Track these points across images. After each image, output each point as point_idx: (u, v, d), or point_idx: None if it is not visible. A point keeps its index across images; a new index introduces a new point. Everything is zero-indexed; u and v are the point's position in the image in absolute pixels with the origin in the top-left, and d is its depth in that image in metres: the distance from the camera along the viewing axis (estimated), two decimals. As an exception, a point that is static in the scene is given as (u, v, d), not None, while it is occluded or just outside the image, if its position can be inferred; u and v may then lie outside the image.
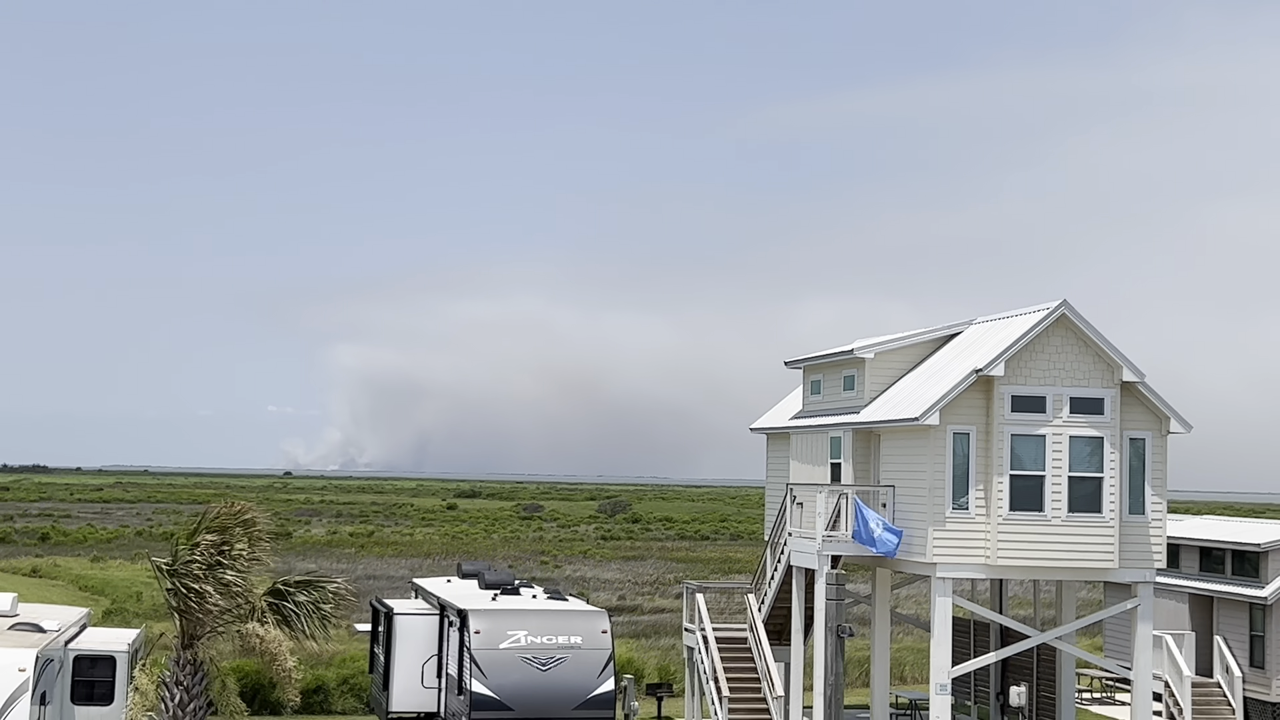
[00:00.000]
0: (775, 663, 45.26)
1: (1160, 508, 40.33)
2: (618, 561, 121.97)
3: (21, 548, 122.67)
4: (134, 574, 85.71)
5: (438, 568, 70.88)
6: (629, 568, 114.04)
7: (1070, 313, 39.23)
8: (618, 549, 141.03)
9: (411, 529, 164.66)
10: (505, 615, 38.12)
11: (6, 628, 31.89)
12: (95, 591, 77.78)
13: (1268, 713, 49.31)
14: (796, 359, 48.48)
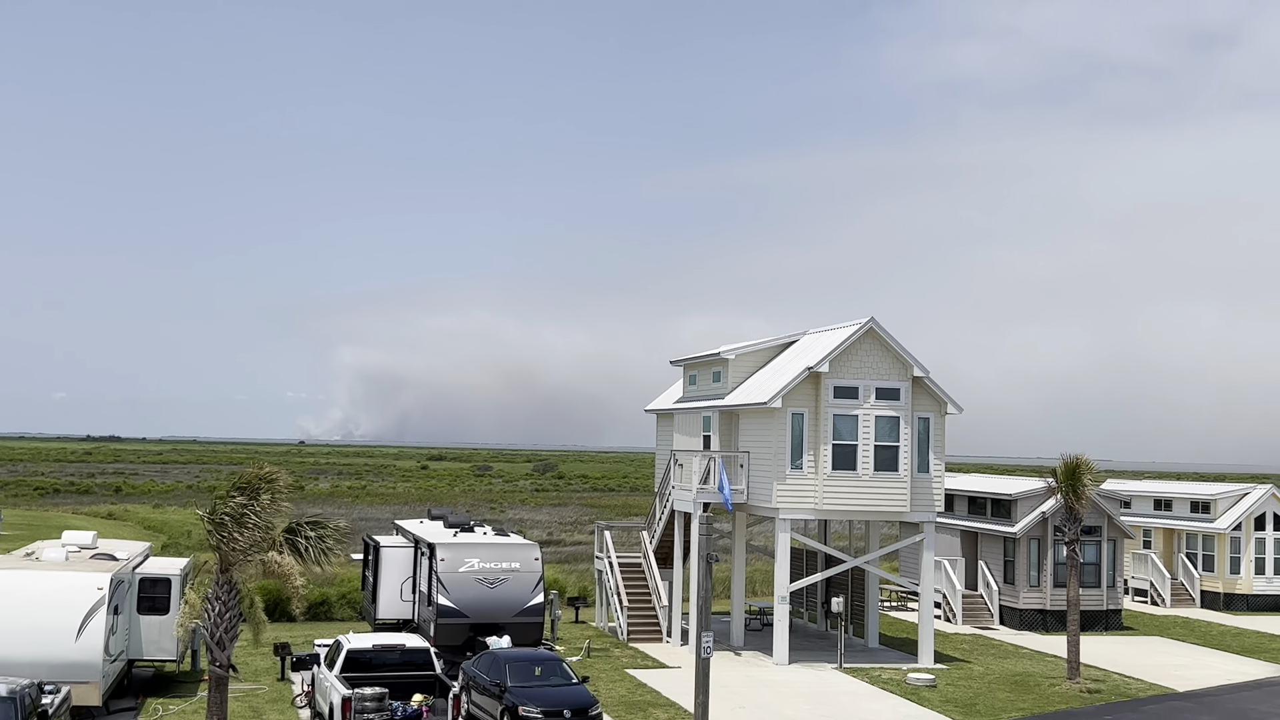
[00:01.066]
0: (662, 581, 45.90)
1: (940, 468, 41.40)
2: (547, 507, 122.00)
3: (100, 497, 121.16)
4: (185, 517, 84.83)
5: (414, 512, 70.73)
6: (555, 512, 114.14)
7: (876, 326, 40.22)
8: (547, 498, 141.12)
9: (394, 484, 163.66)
10: (463, 547, 38.44)
11: (88, 556, 31.92)
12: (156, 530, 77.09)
13: (1015, 616, 50.39)
14: (679, 359, 49.03)
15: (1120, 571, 52.74)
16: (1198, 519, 60.31)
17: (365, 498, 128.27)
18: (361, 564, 46.36)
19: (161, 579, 33.45)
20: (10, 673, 24.69)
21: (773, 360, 43.57)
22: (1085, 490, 40.70)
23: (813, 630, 47.71)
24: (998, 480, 56.69)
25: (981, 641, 46.60)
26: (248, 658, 36.47)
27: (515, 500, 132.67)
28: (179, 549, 56.13)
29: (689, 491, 42.38)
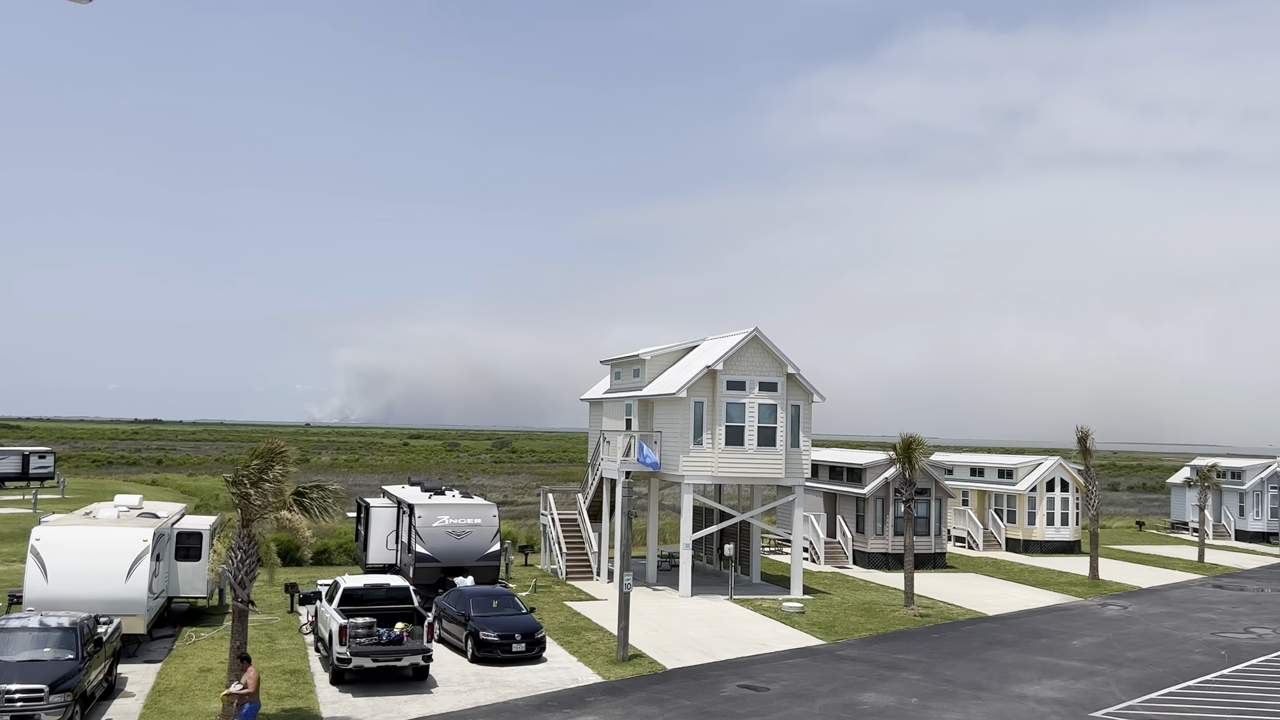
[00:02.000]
0: (593, 533, 45.98)
1: (808, 444, 41.74)
2: (503, 475, 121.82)
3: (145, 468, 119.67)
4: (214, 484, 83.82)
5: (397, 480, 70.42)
6: (509, 479, 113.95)
7: (759, 334, 40.48)
8: (503, 468, 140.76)
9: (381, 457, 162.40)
10: (436, 507, 38.32)
11: (135, 515, 31.63)
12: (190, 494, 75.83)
13: (865, 557, 50.93)
14: (606, 359, 49.09)
15: (945, 523, 53.49)
16: (1003, 483, 61.39)
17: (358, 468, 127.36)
18: (355, 521, 46.13)
19: (194, 532, 33.31)
20: (72, 609, 24.69)
21: (680, 360, 43.73)
22: (917, 461, 41.25)
23: (710, 570, 47.95)
24: (851, 453, 57.28)
25: (839, 578, 47.09)
26: (264, 595, 36.25)
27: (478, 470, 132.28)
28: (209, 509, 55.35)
29: (615, 462, 42.52)
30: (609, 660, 29.00)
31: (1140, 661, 30.97)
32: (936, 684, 27.28)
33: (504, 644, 28.50)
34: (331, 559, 47.70)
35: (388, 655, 25.62)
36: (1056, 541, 59.67)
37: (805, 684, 26.91)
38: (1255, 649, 33.49)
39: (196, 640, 30.66)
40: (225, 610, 34.45)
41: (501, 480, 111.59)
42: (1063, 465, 61.07)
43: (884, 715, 23.94)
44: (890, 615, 37.45)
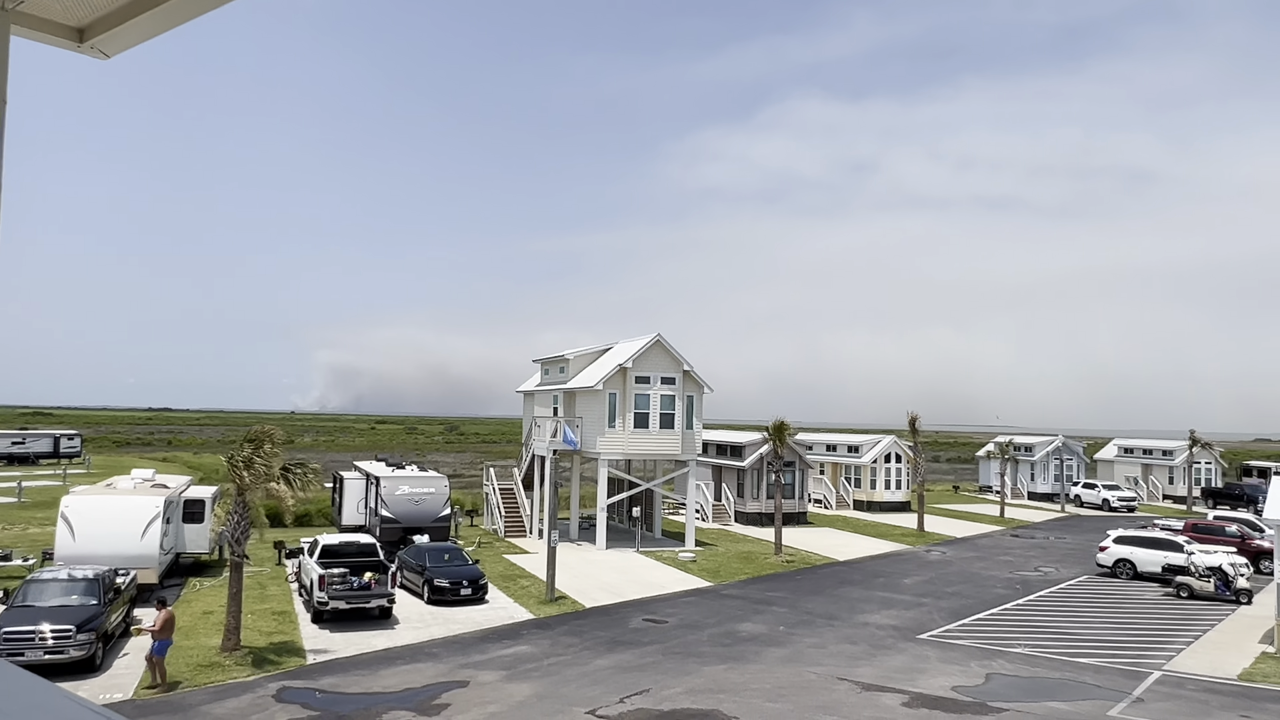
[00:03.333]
0: (526, 499, 45.86)
1: (699, 426, 42.00)
2: (453, 453, 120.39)
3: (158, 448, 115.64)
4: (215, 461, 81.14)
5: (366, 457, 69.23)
6: (459, 456, 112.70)
7: (661, 339, 40.74)
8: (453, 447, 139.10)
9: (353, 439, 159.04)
10: (397, 478, 37.88)
11: (149, 486, 30.93)
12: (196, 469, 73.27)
13: (744, 517, 51.52)
14: (538, 358, 48.89)
15: (806, 488, 54.36)
16: (851, 456, 62.54)
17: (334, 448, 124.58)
18: (331, 490, 45.30)
19: (199, 500, 32.68)
20: (95, 564, 24.24)
21: (597, 359, 43.77)
22: (785, 440, 41.96)
23: (621, 528, 48.07)
24: (734, 434, 57.89)
25: (724, 533, 47.60)
26: (256, 551, 35.39)
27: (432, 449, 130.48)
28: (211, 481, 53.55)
29: (544, 442, 42.35)
30: (539, 601, 29.01)
31: (956, 595, 31.92)
32: (799, 615, 27.82)
33: (454, 589, 28.34)
34: (312, 521, 46.70)
35: (358, 599, 25.38)
36: (892, 502, 60.98)
37: (696, 617, 27.24)
38: (1042, 583, 34.74)
39: (200, 588, 29.97)
40: (224, 563, 33.68)
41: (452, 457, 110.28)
42: (897, 442, 62.44)
43: (758, 640, 24.36)
44: (763, 562, 38.02)
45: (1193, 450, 74.24)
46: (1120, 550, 36.79)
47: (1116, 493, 69.02)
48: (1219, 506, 66.75)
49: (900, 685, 20.14)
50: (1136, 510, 67.51)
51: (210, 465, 76.50)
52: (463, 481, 70.33)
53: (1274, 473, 68.15)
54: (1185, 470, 75.02)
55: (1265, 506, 26.60)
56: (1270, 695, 20.37)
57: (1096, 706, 18.91)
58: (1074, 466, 76.53)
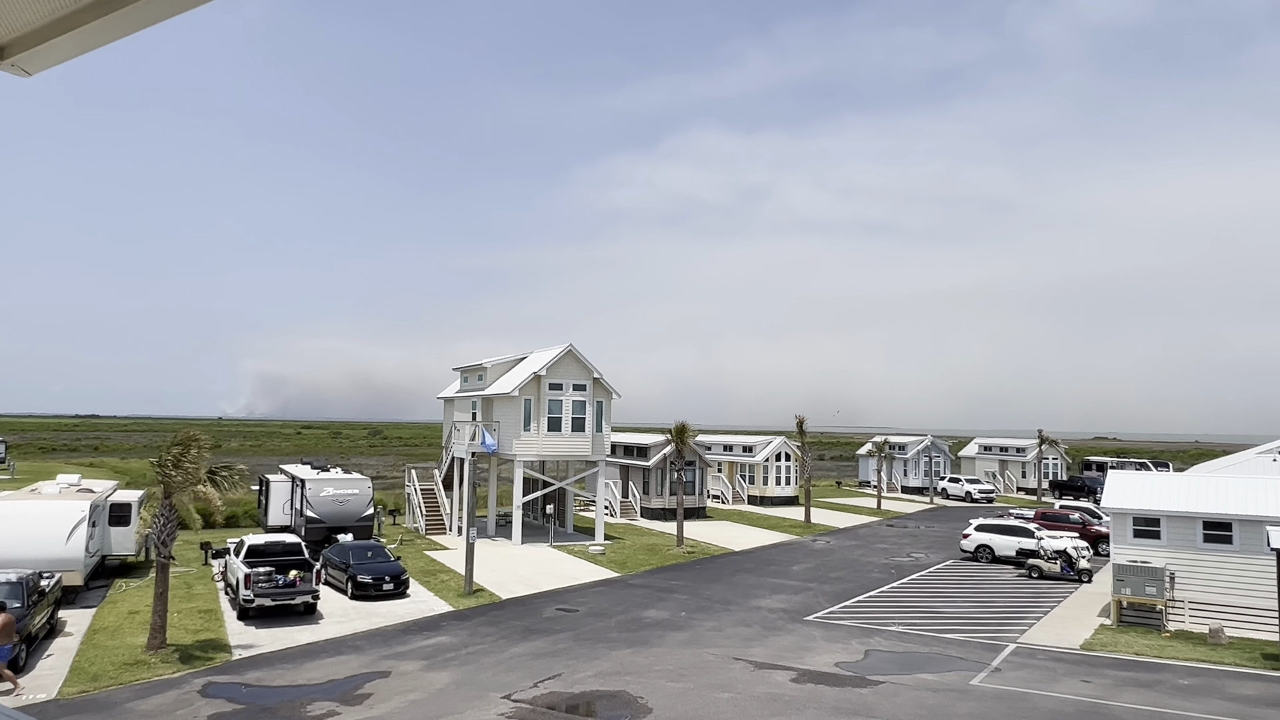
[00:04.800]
0: (446, 499, 45.10)
1: (609, 429, 41.87)
2: (377, 456, 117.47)
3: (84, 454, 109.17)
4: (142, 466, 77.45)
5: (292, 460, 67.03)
6: (382, 459, 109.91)
7: (573, 349, 40.56)
8: (377, 451, 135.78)
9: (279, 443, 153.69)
10: (322, 480, 36.79)
11: (75, 491, 29.41)
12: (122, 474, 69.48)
13: (649, 512, 51.53)
14: (458, 367, 48.07)
15: (706, 485, 54.81)
16: (746, 455, 63.39)
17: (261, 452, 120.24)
18: (258, 492, 43.68)
19: (125, 503, 31.16)
20: (20, 567, 22.83)
21: (514, 368, 43.33)
22: (687, 441, 42.26)
23: (536, 524, 47.65)
24: (640, 436, 58.03)
25: (631, 527, 47.63)
26: (183, 551, 33.95)
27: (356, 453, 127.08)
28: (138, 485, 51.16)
29: (463, 445, 41.77)
30: (458, 594, 28.53)
31: (838, 580, 32.61)
32: (699, 601, 28.01)
33: (376, 584, 27.66)
34: (239, 522, 44.97)
35: (284, 595, 24.52)
36: (782, 497, 61.98)
37: (605, 605, 27.17)
38: (914, 568, 35.78)
39: (126, 589, 28.47)
40: (151, 565, 32.15)
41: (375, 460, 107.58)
42: (786, 442, 63.51)
43: (661, 625, 24.43)
44: (667, 553, 38.17)
45: (1042, 447, 77.57)
46: (980, 537, 38.14)
47: (977, 486, 71.57)
48: (1064, 497, 69.86)
49: (789, 663, 20.46)
50: (995, 501, 70.12)
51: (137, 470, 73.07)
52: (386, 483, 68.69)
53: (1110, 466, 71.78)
54: (1035, 465, 78.30)
55: (1103, 496, 27.99)
56: (1107, 662, 21.40)
57: (960, 677, 19.55)
58: (941, 463, 79.06)
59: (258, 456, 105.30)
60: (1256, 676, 20.36)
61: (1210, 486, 26.82)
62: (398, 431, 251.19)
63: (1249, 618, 24.68)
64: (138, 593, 27.78)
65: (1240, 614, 24.85)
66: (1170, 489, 27.12)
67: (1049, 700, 17.91)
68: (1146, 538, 26.25)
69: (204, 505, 23.20)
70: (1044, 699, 18.00)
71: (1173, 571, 25.76)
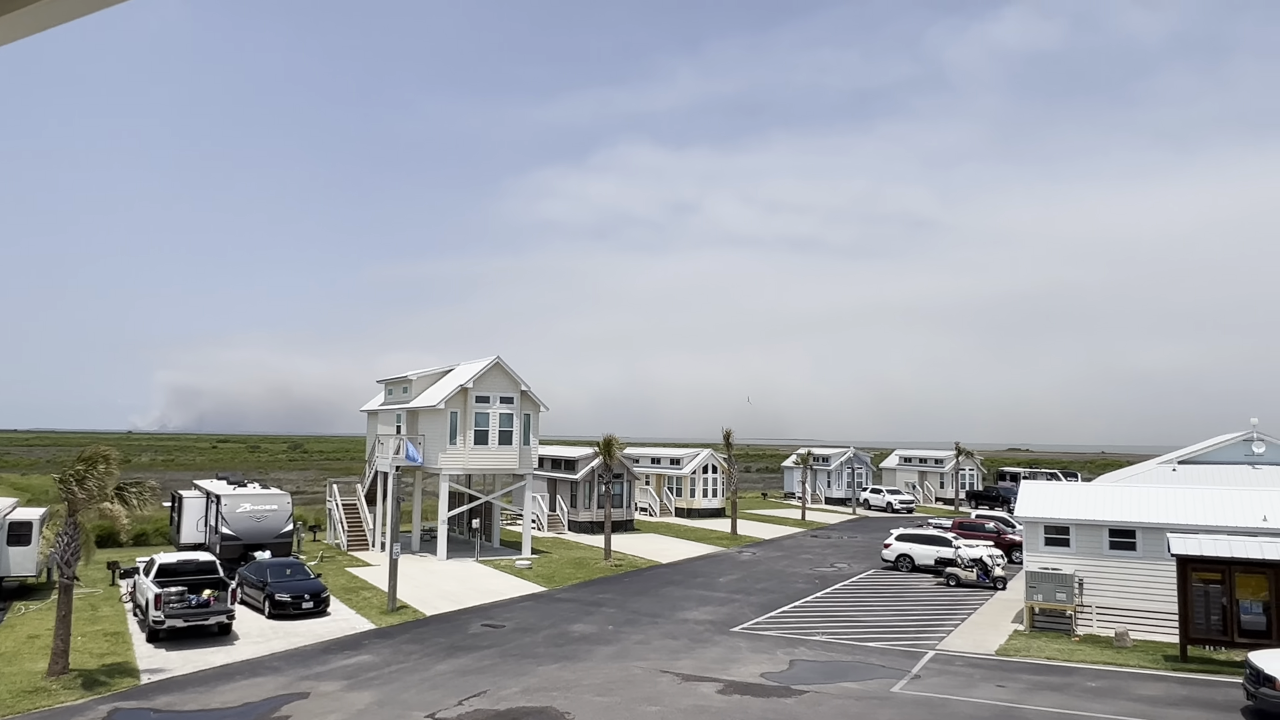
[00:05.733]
0: (369, 513, 44.14)
1: (536, 442, 41.56)
2: (297, 470, 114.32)
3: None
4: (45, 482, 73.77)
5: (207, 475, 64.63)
6: (302, 473, 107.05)
7: (500, 361, 40.19)
8: (297, 465, 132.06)
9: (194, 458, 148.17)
10: (239, 496, 35.67)
11: (-31, 510, 27.92)
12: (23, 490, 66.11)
13: (577, 525, 51.28)
14: (382, 379, 47.13)
15: (634, 498, 54.83)
16: (674, 468, 63.63)
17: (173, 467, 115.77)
18: (170, 509, 42.12)
19: (25, 522, 29.71)
20: None
21: (440, 380, 42.73)
22: (615, 454, 42.24)
23: (461, 539, 46.99)
24: (568, 449, 57.77)
25: (558, 541, 47.31)
26: (88, 572, 32.36)
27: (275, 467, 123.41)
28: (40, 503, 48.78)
29: (387, 459, 40.98)
30: (381, 611, 27.91)
31: (764, 590, 32.94)
32: (627, 614, 27.96)
33: (295, 603, 26.87)
34: (149, 540, 43.23)
35: (196, 616, 23.63)
36: (709, 509, 62.37)
37: (531, 620, 26.91)
38: (837, 578, 36.37)
39: (25, 612, 27.06)
40: (53, 586, 30.60)
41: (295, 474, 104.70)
42: (713, 455, 63.99)
43: (588, 639, 24.31)
44: (594, 566, 38.01)
45: (959, 459, 79.87)
46: (901, 547, 39.02)
47: (898, 496, 73.22)
48: (980, 507, 71.98)
49: (716, 674, 20.56)
50: (914, 511, 71.83)
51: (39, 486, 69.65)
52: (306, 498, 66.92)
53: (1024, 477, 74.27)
54: (953, 476, 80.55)
55: (1016, 506, 28.94)
56: (1021, 666, 22.07)
57: (881, 684, 19.92)
58: (863, 474, 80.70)
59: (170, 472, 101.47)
60: (1158, 677, 21.27)
61: (1115, 496, 27.98)
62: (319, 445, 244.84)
63: (1151, 621, 25.77)
64: (38, 616, 26.44)
65: (1144, 618, 25.93)
66: (1079, 498, 28.20)
67: (966, 705, 18.37)
68: (1057, 545, 27.22)
69: (110, 524, 22.25)
70: (962, 704, 18.45)
71: (1081, 578, 26.75)
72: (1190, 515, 25.64)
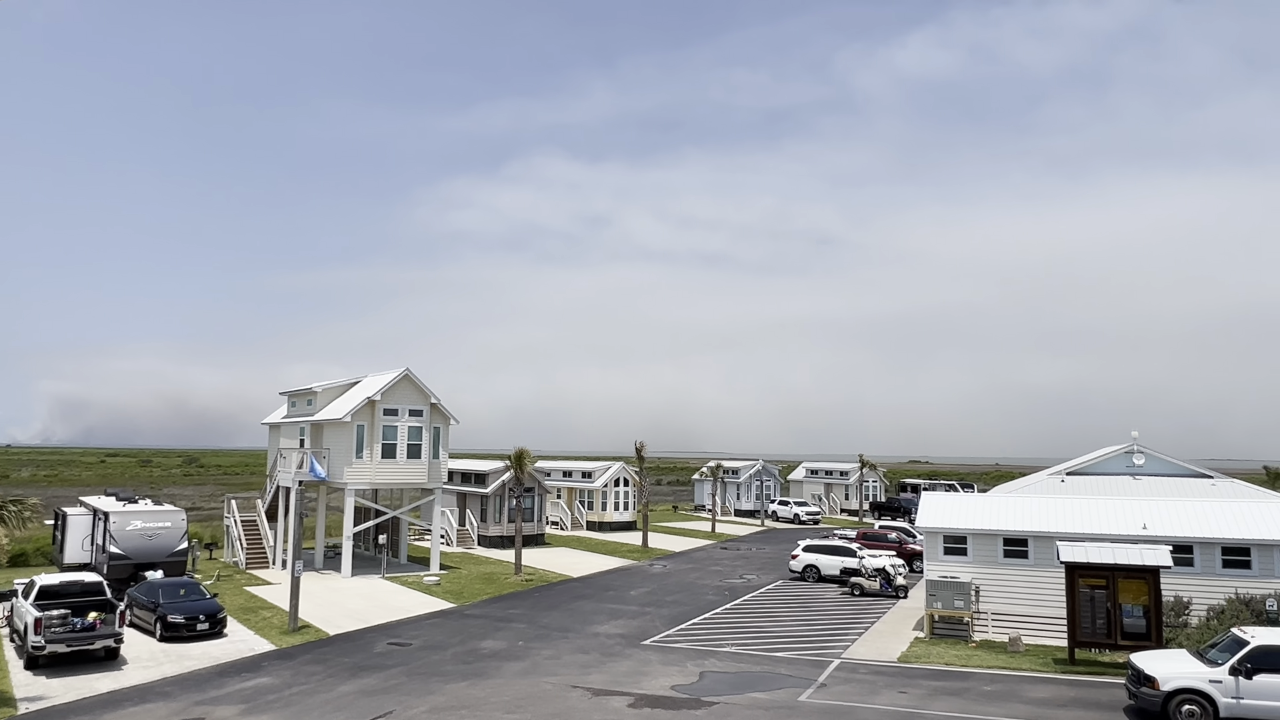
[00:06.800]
0: (270, 530, 42.62)
1: (446, 456, 40.93)
2: (192, 486, 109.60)
3: None
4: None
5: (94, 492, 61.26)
6: (198, 489, 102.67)
7: (409, 373, 39.45)
8: (193, 480, 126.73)
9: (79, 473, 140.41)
10: (129, 513, 33.97)
11: None
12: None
13: (487, 540, 50.65)
14: (285, 391, 45.74)
15: (545, 512, 54.47)
16: (585, 481, 63.52)
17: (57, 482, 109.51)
18: (53, 527, 39.80)
19: None
20: None
21: (346, 392, 41.66)
22: (526, 467, 41.89)
23: (368, 555, 45.81)
24: (478, 463, 57.04)
25: (468, 556, 46.60)
26: (-42, 596, 30.30)
27: (169, 483, 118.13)
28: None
29: (290, 473, 39.71)
30: (282, 631, 26.94)
31: (675, 603, 33.10)
32: (537, 629, 27.70)
33: (189, 624, 25.71)
34: (29, 561, 40.79)
35: (81, 640, 22.35)
36: (621, 522, 62.47)
37: (440, 637, 26.40)
38: (746, 589, 36.83)
39: (-116, 642, 25.13)
40: (-84, 613, 28.42)
41: (190, 490, 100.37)
42: (625, 468, 64.16)
43: (498, 656, 23.98)
44: (504, 581, 37.58)
45: (863, 471, 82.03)
46: (808, 557, 39.79)
47: (805, 508, 74.74)
48: (883, 517, 74.10)
49: (627, 688, 20.53)
50: (821, 522, 73.43)
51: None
52: (202, 514, 64.21)
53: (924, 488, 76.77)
54: (857, 488, 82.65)
55: (917, 516, 29.86)
56: (921, 673, 22.74)
57: (789, 694, 20.23)
58: (772, 486, 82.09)
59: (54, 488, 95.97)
60: (1049, 680, 22.22)
61: (1009, 506, 29.17)
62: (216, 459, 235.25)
63: (1043, 626, 26.93)
64: (-99, 644, 24.59)
65: (1036, 623, 27.07)
66: (975, 509, 29.29)
67: (870, 712, 18.81)
68: (956, 554, 28.19)
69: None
70: (866, 711, 18.89)
71: (978, 585, 27.77)
72: (1077, 524, 26.93)
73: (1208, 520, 26.26)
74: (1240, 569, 25.31)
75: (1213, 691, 17.96)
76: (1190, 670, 18.48)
